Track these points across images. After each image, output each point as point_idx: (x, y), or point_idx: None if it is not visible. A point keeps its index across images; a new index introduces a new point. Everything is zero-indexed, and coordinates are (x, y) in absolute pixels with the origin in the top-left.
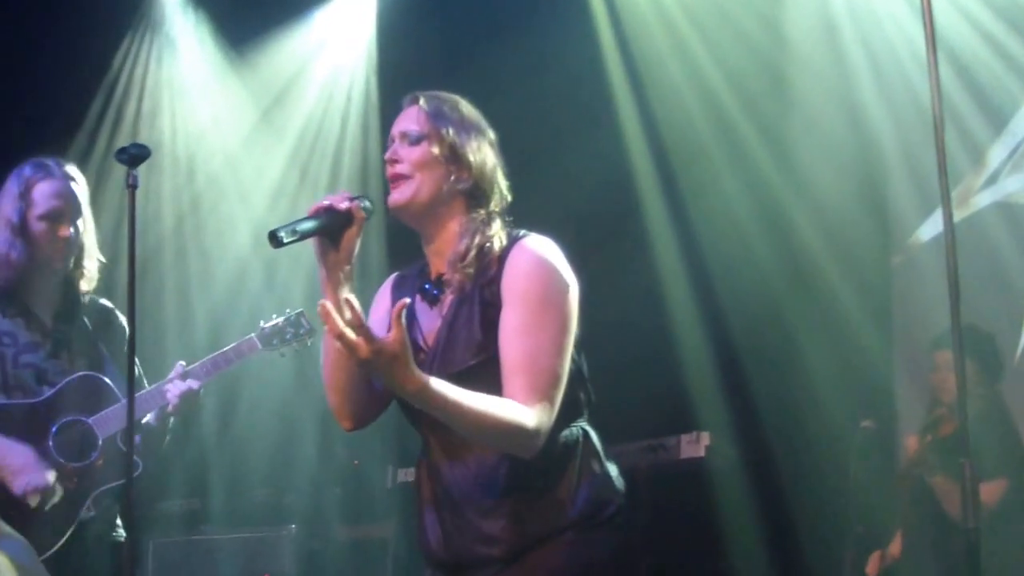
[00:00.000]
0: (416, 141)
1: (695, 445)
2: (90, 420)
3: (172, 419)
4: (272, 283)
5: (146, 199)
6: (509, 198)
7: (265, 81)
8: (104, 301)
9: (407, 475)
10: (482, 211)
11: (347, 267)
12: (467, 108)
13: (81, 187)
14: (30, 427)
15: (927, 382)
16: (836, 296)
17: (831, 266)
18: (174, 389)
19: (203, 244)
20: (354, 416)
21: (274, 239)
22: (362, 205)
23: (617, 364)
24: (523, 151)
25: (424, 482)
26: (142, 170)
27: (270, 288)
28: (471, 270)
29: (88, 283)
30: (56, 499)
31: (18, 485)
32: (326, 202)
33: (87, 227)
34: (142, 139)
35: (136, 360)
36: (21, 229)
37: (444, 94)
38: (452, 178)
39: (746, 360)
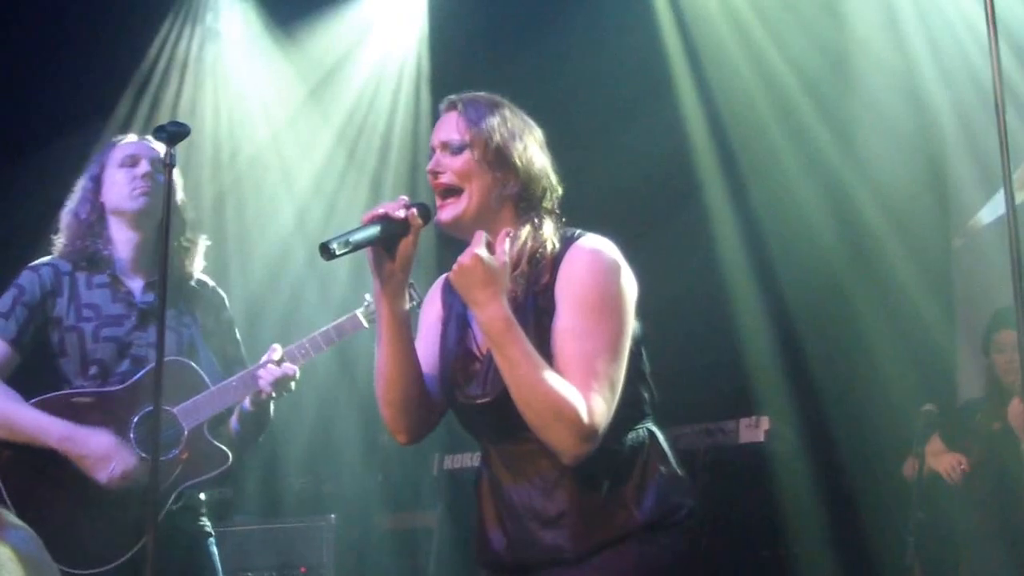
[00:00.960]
0: (459, 150)
1: (754, 429)
2: (175, 410)
3: (267, 406)
4: (315, 264)
5: (185, 178)
6: (560, 191)
7: (313, 60)
8: (204, 277)
9: (453, 462)
10: (532, 214)
11: (403, 276)
12: (508, 108)
13: (158, 153)
14: (110, 417)
15: (993, 361)
16: (898, 278)
17: (893, 248)
18: (267, 375)
19: (243, 224)
20: (410, 430)
21: (326, 251)
22: (420, 212)
23: (676, 346)
24: (582, 130)
25: (486, 497)
26: (181, 148)
27: (313, 268)
28: (523, 279)
29: (190, 261)
30: (142, 483)
31: (103, 472)
32: (381, 210)
33: (177, 191)
34: (182, 117)
35: (239, 340)
36: (95, 189)
37: (482, 95)
38: (500, 185)
39: (807, 343)
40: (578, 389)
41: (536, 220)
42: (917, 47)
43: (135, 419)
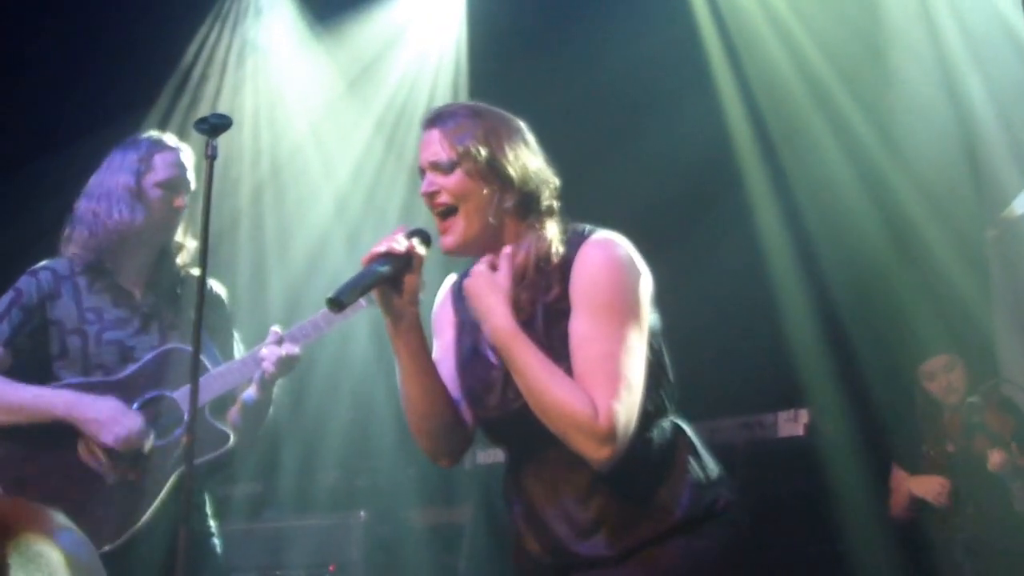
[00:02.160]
0: (449, 169)
1: (794, 423)
2: (174, 394)
3: (274, 389)
4: (355, 254)
5: (225, 168)
6: (558, 182)
7: (353, 53)
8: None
9: (488, 456)
10: (532, 218)
11: (414, 309)
12: (488, 114)
13: (193, 162)
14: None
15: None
16: (938, 268)
17: (933, 237)
18: (271, 355)
19: (282, 215)
20: (451, 454)
21: (336, 304)
22: (421, 240)
23: (717, 337)
24: (622, 124)
25: (517, 509)
26: (223, 137)
27: (353, 259)
28: (532, 288)
29: (185, 255)
30: (149, 445)
31: (109, 434)
32: (383, 247)
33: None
34: (222, 109)
35: (236, 337)
36: (139, 194)
37: (459, 106)
38: (497, 198)
39: (850, 332)
40: (594, 392)
41: (538, 224)
42: (952, 37)
43: (136, 405)
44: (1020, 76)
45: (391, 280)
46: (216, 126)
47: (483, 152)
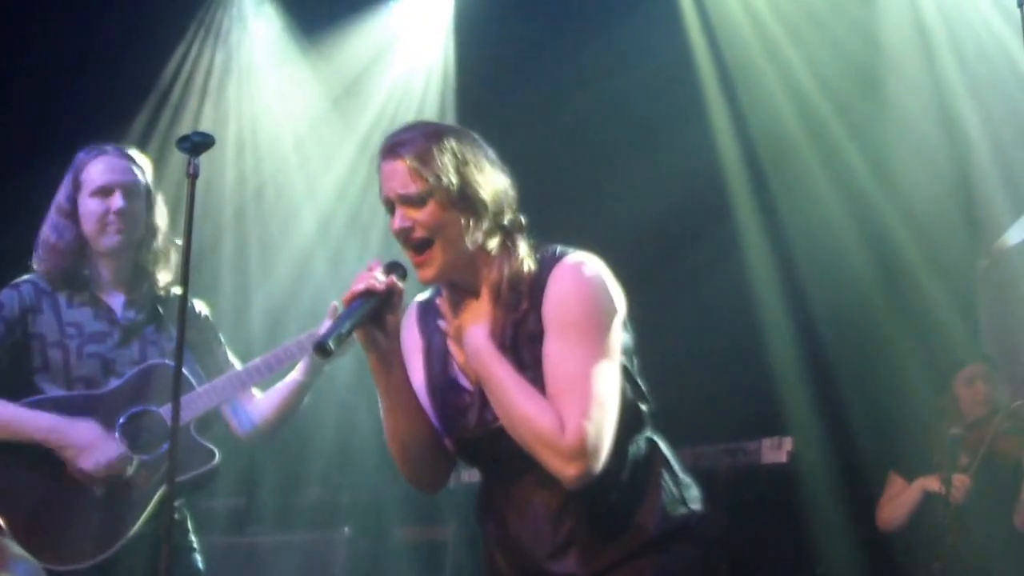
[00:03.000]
0: (420, 202)
1: (777, 451)
2: (160, 410)
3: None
4: (338, 275)
5: (207, 187)
6: (514, 194)
7: (337, 70)
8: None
9: (471, 475)
10: (504, 239)
11: (396, 344)
12: (448, 133)
13: (141, 165)
14: (96, 419)
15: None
16: (926, 299)
17: (922, 269)
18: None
19: (265, 233)
20: (436, 482)
21: (322, 351)
22: (398, 276)
23: (702, 364)
24: (612, 149)
25: (490, 530)
26: (205, 155)
27: (336, 280)
28: (506, 308)
29: (167, 273)
30: (126, 474)
31: (87, 461)
32: (362, 286)
33: (155, 209)
34: (205, 126)
35: (226, 348)
36: (71, 212)
37: (414, 131)
38: (471, 226)
39: (834, 363)
40: (564, 410)
41: (509, 243)
42: (948, 68)
43: (121, 420)
44: (1015, 107)
45: (373, 318)
46: (198, 144)
47: (455, 181)
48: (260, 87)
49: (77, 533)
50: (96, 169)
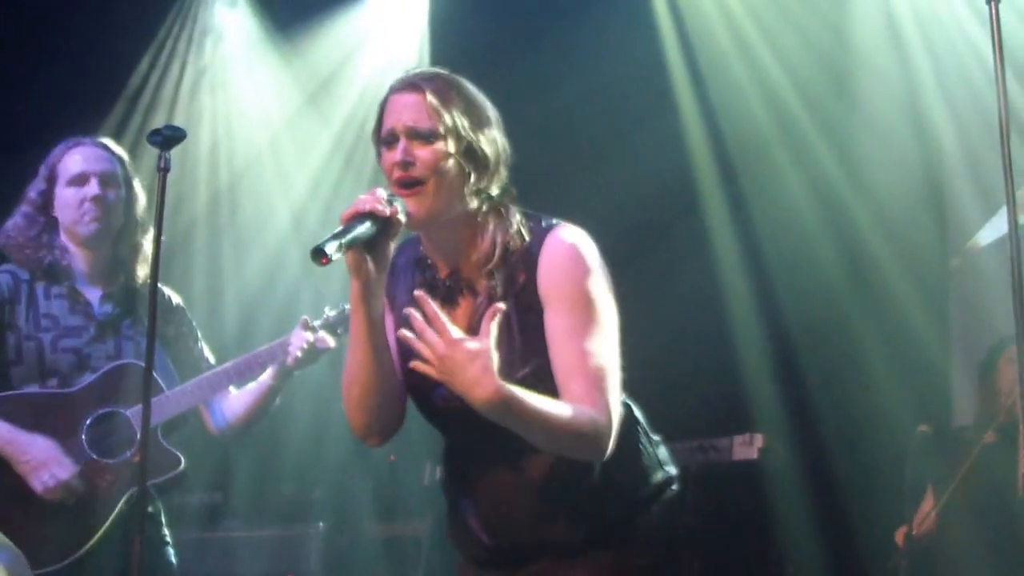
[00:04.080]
0: (429, 139)
1: (748, 447)
2: (128, 412)
3: (288, 377)
4: (310, 270)
5: (180, 180)
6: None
7: (312, 65)
8: (160, 285)
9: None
10: (497, 204)
11: (382, 278)
12: (468, 88)
13: (118, 158)
14: (62, 419)
15: (992, 383)
16: (896, 298)
17: (892, 268)
18: (297, 340)
19: (238, 228)
20: (384, 432)
21: (320, 255)
22: (400, 209)
23: (671, 362)
24: (583, 144)
25: (464, 492)
26: (177, 151)
27: (308, 275)
28: (500, 277)
29: (145, 266)
30: (80, 493)
31: (38, 481)
32: (367, 207)
33: (132, 201)
34: (178, 122)
35: (203, 344)
36: (42, 204)
37: (439, 73)
38: (471, 179)
39: (803, 361)
40: (585, 394)
41: (502, 210)
42: (920, 67)
43: (88, 421)
44: (985, 106)
45: (370, 242)
46: (169, 138)
47: (467, 129)
48: (234, 82)
49: (45, 536)
50: (72, 159)
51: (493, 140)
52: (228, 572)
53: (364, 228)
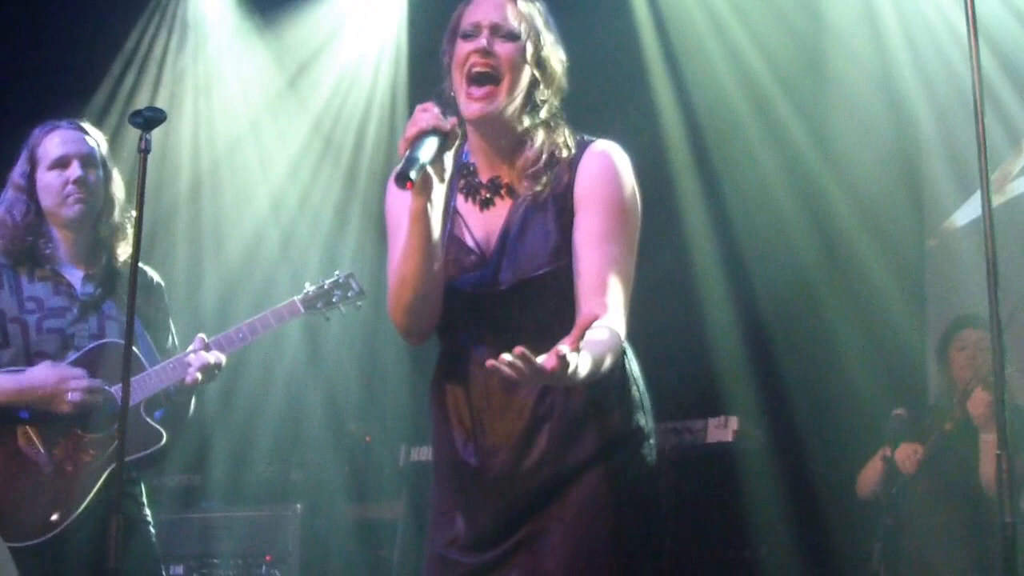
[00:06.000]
0: (510, 38)
1: (723, 429)
2: (111, 389)
3: (193, 392)
4: (288, 253)
5: (162, 163)
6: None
7: (292, 49)
8: (141, 265)
9: (419, 454)
10: (550, 117)
11: (442, 187)
12: (548, 13)
13: (96, 138)
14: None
15: (946, 370)
16: (870, 279)
17: (866, 248)
18: (195, 362)
19: (219, 210)
20: (424, 333)
21: (405, 180)
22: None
23: (644, 344)
24: None
25: (451, 407)
26: (159, 134)
27: (286, 257)
28: (545, 177)
29: (126, 246)
30: (101, 394)
31: (63, 404)
32: (429, 123)
33: (112, 181)
34: (161, 103)
35: (172, 330)
36: (28, 188)
37: None
38: (539, 87)
39: (777, 343)
40: (611, 302)
41: (553, 123)
42: (895, 45)
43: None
44: (961, 86)
45: (437, 155)
46: (150, 119)
47: (545, 41)
48: (216, 66)
49: (27, 510)
50: (52, 143)
51: (560, 59)
52: (205, 553)
53: (431, 145)
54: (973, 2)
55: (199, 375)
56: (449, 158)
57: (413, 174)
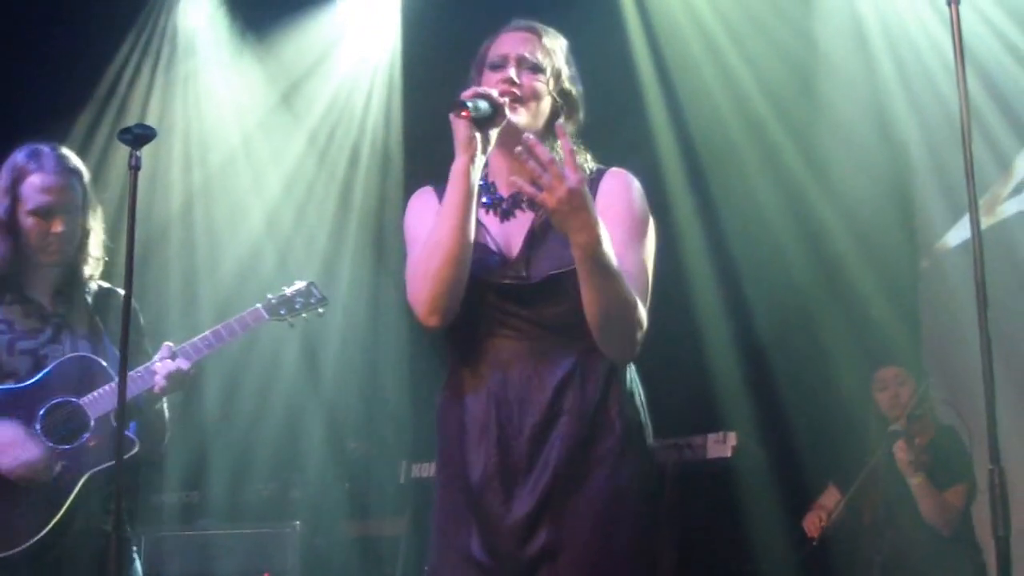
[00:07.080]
0: (536, 70)
1: (722, 445)
2: (80, 401)
3: (163, 401)
4: (285, 269)
5: (154, 180)
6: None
7: (285, 65)
8: (104, 283)
9: (420, 470)
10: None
11: (483, 159)
12: (569, 47)
13: (79, 177)
14: (17, 411)
15: (875, 399)
16: (864, 299)
17: (859, 269)
18: (161, 369)
19: (212, 227)
20: (448, 312)
21: (462, 107)
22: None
23: (644, 362)
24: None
25: (471, 401)
26: (150, 151)
27: (283, 274)
28: None
29: (92, 267)
30: (50, 474)
31: (4, 462)
32: (488, 90)
33: (91, 216)
34: (151, 121)
35: (150, 352)
36: (9, 225)
37: (555, 31)
38: (561, 118)
39: (774, 361)
40: (641, 300)
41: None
42: (885, 70)
43: (42, 411)
44: (949, 108)
45: (484, 120)
46: (140, 137)
47: (566, 76)
48: (208, 81)
49: (2, 521)
50: (34, 187)
51: (580, 92)
52: (205, 571)
53: (487, 106)
54: (959, 25)
55: (165, 383)
56: (494, 135)
57: (470, 104)
